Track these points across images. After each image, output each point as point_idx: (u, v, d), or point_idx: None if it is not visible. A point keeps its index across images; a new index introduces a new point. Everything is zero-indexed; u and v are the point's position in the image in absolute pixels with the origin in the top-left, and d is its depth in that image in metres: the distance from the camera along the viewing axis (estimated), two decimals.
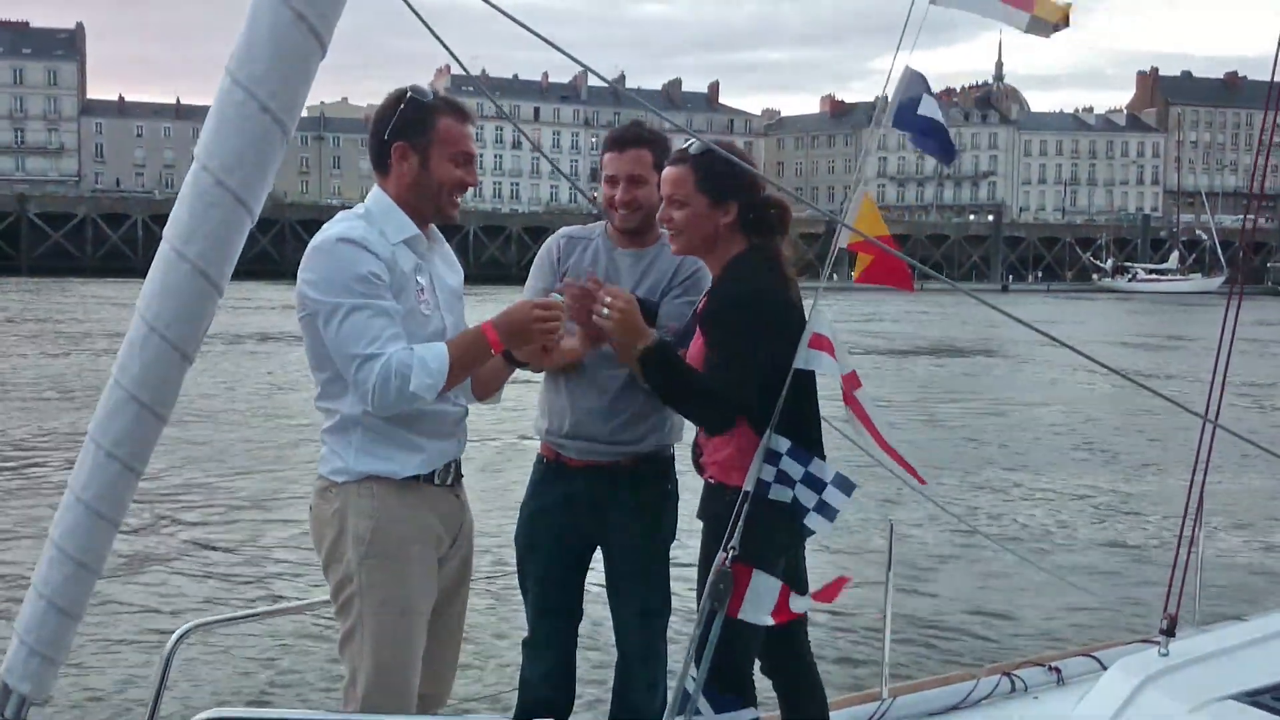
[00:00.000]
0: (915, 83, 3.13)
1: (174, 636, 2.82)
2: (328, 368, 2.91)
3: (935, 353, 32.78)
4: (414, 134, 2.93)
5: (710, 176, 3.17)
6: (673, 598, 3.67)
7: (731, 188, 3.17)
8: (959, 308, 49.40)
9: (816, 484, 3.02)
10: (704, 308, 3.20)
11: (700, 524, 3.21)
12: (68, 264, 74.38)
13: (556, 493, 3.61)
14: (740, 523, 2.89)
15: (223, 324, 35.62)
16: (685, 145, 3.25)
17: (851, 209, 3.15)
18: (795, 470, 3.01)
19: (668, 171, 3.24)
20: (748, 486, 2.97)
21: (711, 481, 3.20)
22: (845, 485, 3.03)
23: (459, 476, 3.13)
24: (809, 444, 3.07)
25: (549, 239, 3.75)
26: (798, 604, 2.86)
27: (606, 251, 3.61)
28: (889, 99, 3.16)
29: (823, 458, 3.08)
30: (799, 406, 3.05)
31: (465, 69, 3.48)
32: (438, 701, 3.21)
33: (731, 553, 2.86)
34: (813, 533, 3.08)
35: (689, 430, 3.44)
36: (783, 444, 2.97)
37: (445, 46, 3.00)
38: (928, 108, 3.13)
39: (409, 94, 2.94)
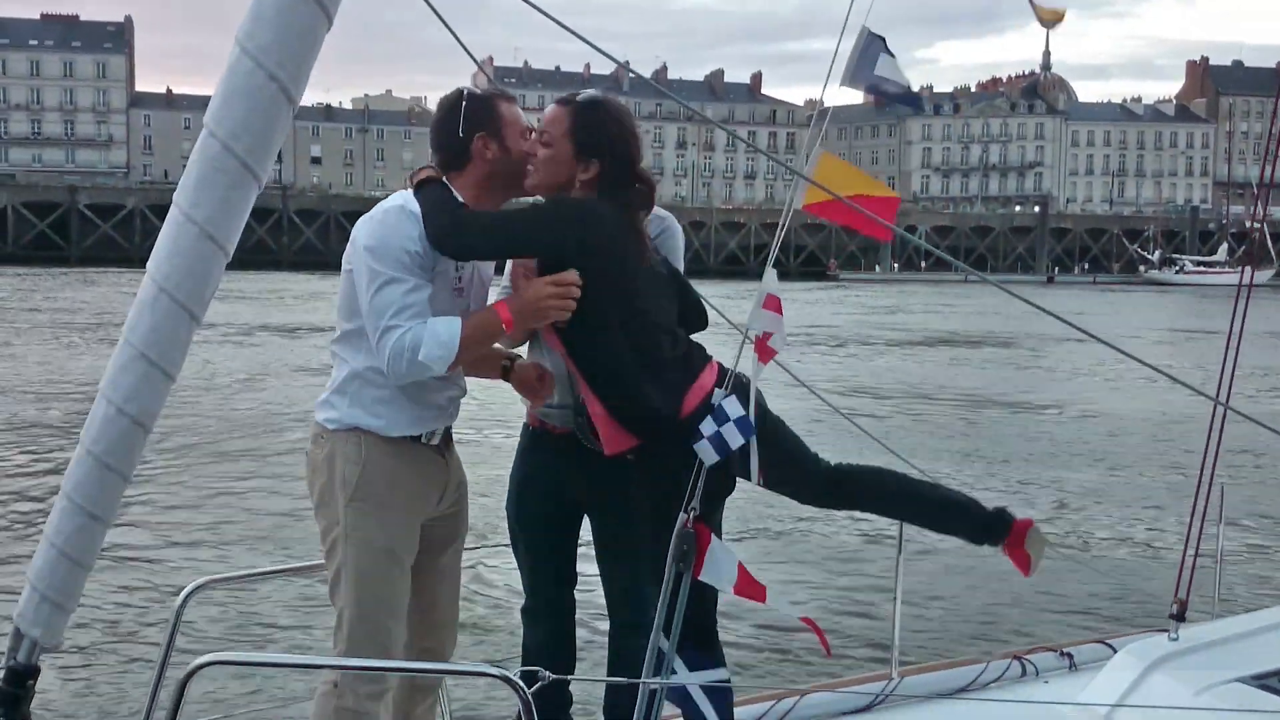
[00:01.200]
0: (872, 43, 3.13)
1: (184, 592, 2.91)
2: (356, 319, 3.07)
3: (953, 344, 32.58)
4: (487, 123, 3.16)
5: (584, 128, 3.17)
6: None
7: (600, 146, 3.15)
8: (992, 298, 48.97)
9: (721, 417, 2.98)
10: None
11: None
12: (117, 254, 75.36)
13: (542, 460, 3.66)
14: (700, 483, 2.92)
15: (283, 320, 36.03)
16: (579, 93, 3.29)
17: (809, 165, 3.07)
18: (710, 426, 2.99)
19: (552, 109, 3.25)
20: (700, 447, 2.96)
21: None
22: (746, 428, 2.98)
23: (448, 440, 3.27)
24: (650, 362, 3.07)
25: None
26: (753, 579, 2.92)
27: None
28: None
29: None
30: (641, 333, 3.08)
31: (483, 68, 3.58)
32: (439, 655, 3.31)
33: (692, 513, 2.91)
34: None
35: None
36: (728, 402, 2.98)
37: (457, 38, 3.07)
38: (885, 67, 3.12)
39: (465, 92, 3.20)
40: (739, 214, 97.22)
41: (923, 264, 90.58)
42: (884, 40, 3.14)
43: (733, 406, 3.00)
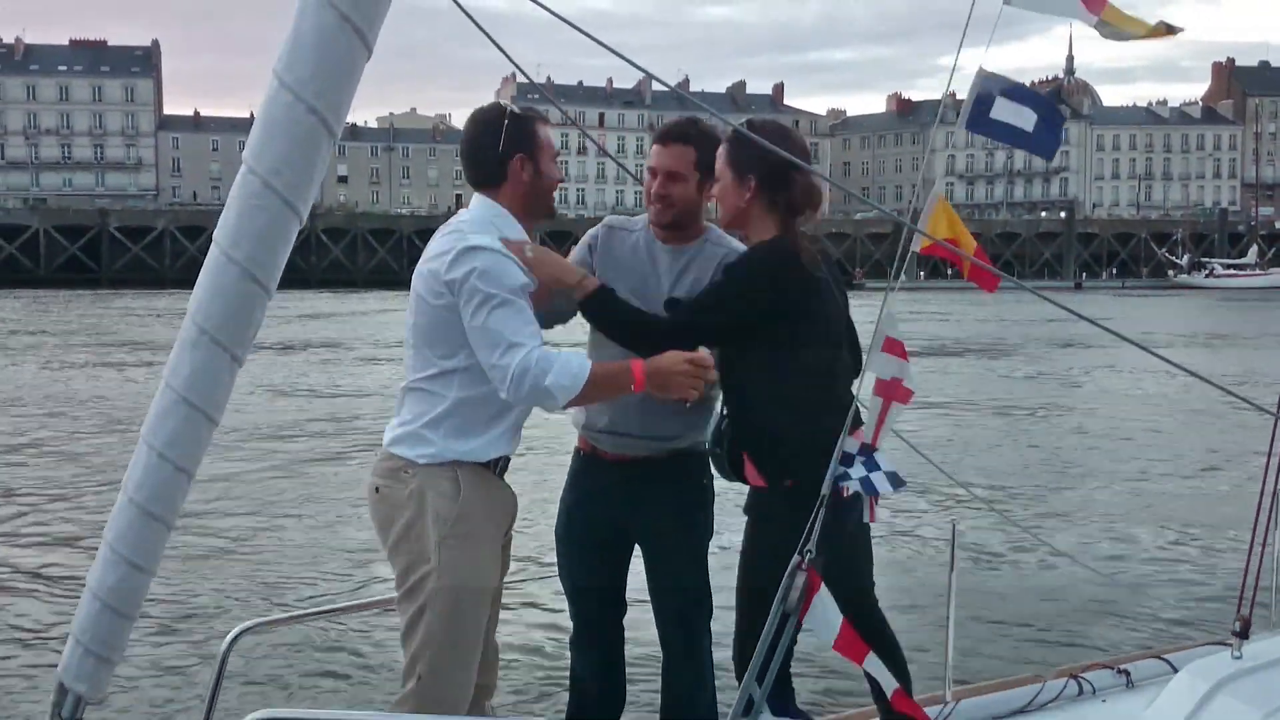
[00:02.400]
0: (989, 84, 3.04)
1: (229, 637, 2.85)
2: (451, 355, 3.03)
3: (986, 352, 32.35)
4: (526, 144, 3.16)
5: (741, 148, 3.30)
6: (714, 593, 3.62)
7: (749, 162, 3.26)
8: (1023, 305, 48.65)
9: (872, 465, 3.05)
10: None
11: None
12: (147, 275, 75.98)
13: (593, 485, 3.61)
14: (818, 525, 2.89)
15: (329, 334, 36.16)
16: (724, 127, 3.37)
17: (925, 212, 3.06)
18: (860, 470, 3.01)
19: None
20: (825, 490, 2.96)
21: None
22: (895, 480, 3.04)
23: (506, 468, 3.23)
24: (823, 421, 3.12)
25: (594, 227, 3.75)
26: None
27: (647, 245, 3.58)
28: (957, 99, 3.11)
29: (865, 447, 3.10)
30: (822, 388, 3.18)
31: (528, 76, 3.58)
32: (488, 691, 3.26)
33: (807, 555, 2.85)
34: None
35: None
36: (853, 445, 2.95)
37: (505, 53, 3.05)
38: (1001, 110, 3.03)
39: (509, 109, 3.18)
40: None
41: (949, 272, 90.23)
42: (1001, 79, 3.03)
43: (883, 458, 3.06)
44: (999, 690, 4.03)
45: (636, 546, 3.65)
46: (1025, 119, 3.04)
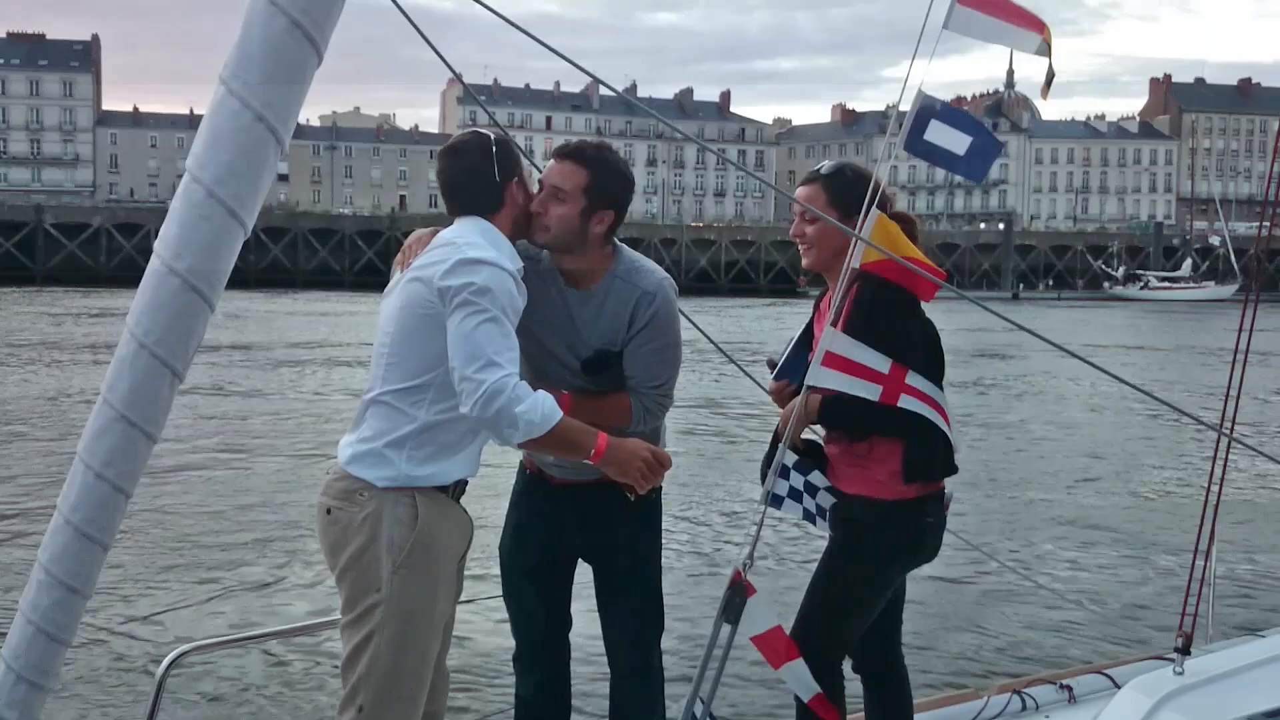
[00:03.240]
0: (927, 105, 3.09)
1: (166, 660, 2.76)
2: (424, 373, 2.92)
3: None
4: (515, 169, 3.15)
5: (840, 192, 3.39)
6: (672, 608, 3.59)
7: (856, 202, 3.22)
8: (961, 315, 49.16)
9: (813, 490, 3.24)
10: (858, 315, 3.27)
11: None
12: (83, 273, 74.61)
13: (539, 504, 3.53)
14: (756, 536, 2.93)
15: (263, 337, 35.67)
16: (818, 167, 3.52)
17: (866, 226, 3.09)
18: (798, 481, 3.07)
19: (801, 188, 3.51)
20: (760, 503, 3.02)
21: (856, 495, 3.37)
22: (835, 491, 3.27)
23: (464, 491, 3.14)
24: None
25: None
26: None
27: (557, 290, 3.35)
28: (900, 117, 3.15)
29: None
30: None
31: (463, 82, 3.53)
32: (437, 717, 3.16)
33: (745, 566, 2.88)
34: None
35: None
36: (790, 458, 2.99)
37: (443, 58, 3.03)
38: (935, 133, 3.09)
39: (495, 137, 3.14)
40: (709, 231, 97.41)
41: None
42: (939, 103, 3.09)
43: (819, 478, 3.25)
44: (943, 705, 4.04)
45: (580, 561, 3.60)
46: (958, 143, 3.11)
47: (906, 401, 3.08)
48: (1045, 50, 3.10)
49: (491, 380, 2.79)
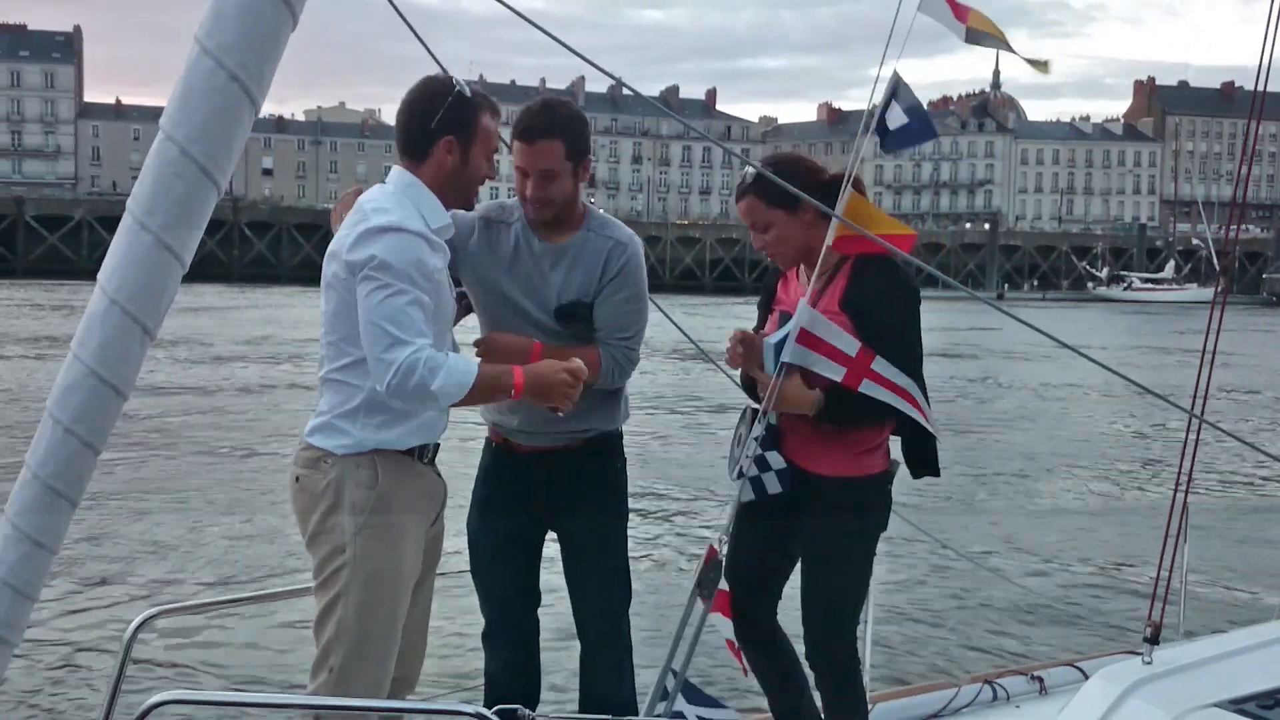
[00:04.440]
0: (887, 92, 3.22)
1: (134, 623, 2.75)
2: (360, 347, 2.89)
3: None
4: (460, 129, 3.00)
5: (772, 192, 3.32)
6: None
7: (790, 193, 3.20)
8: (943, 313, 49.31)
9: (764, 466, 3.24)
10: (856, 295, 3.29)
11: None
12: (64, 266, 74.25)
13: (506, 476, 3.53)
14: (733, 514, 2.96)
15: (250, 333, 35.57)
16: (742, 174, 3.45)
17: (839, 204, 3.14)
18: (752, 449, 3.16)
19: (739, 205, 3.46)
20: (734, 477, 3.05)
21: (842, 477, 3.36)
22: (792, 472, 3.28)
23: (435, 455, 3.14)
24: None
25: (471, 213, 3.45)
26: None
27: (527, 245, 3.40)
28: (875, 110, 3.24)
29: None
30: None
31: (447, 71, 3.46)
32: (408, 684, 3.18)
33: (721, 542, 2.90)
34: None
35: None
36: (757, 431, 3.03)
37: (431, 52, 3.01)
38: (893, 115, 3.25)
39: (455, 87, 3.00)
40: (694, 229, 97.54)
41: None
42: (896, 85, 3.22)
43: (776, 459, 3.23)
44: (914, 694, 4.07)
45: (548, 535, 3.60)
46: (900, 117, 3.31)
47: (868, 387, 3.09)
48: (986, 40, 3.20)
49: (401, 359, 2.78)
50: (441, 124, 2.98)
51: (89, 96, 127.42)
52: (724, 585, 3.09)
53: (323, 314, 3.00)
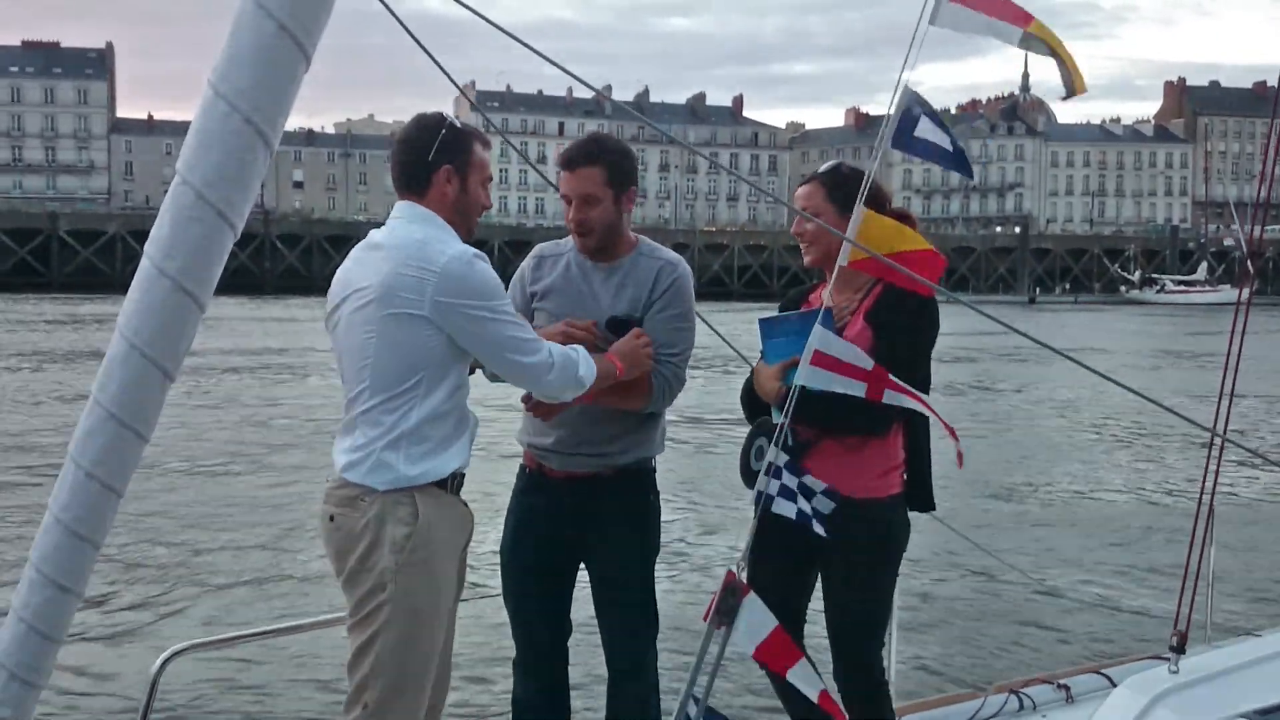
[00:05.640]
0: (913, 103, 3.15)
1: (160, 658, 2.77)
2: (411, 376, 2.95)
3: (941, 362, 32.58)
4: (456, 158, 3.08)
5: (836, 189, 3.47)
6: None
7: (852, 196, 3.31)
8: (967, 318, 49.08)
9: (808, 493, 3.17)
10: (884, 313, 3.38)
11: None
12: (98, 280, 74.95)
13: (538, 503, 3.56)
14: (751, 537, 2.95)
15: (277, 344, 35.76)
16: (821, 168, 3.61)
17: (852, 225, 3.12)
18: (792, 482, 3.05)
19: (801, 189, 3.59)
20: (754, 501, 3.03)
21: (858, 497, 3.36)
22: (833, 494, 3.21)
23: (461, 485, 3.16)
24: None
25: (523, 262, 3.69)
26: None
27: (579, 266, 3.55)
28: (889, 123, 3.21)
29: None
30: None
31: (458, 87, 3.52)
32: (435, 711, 3.18)
33: (739, 567, 2.89)
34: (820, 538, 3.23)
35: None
36: (782, 458, 2.99)
37: (439, 65, 3.04)
38: (924, 129, 3.18)
39: (447, 120, 3.11)
40: (722, 235, 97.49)
41: None
42: (925, 102, 3.17)
43: (815, 482, 3.22)
44: (940, 706, 4.04)
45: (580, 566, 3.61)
46: (945, 140, 3.22)
47: (890, 396, 3.09)
48: (1037, 46, 3.11)
49: (551, 354, 3.05)
50: (438, 154, 3.06)
51: (121, 112, 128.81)
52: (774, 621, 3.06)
53: (346, 351, 3.01)
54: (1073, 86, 3.16)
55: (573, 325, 3.36)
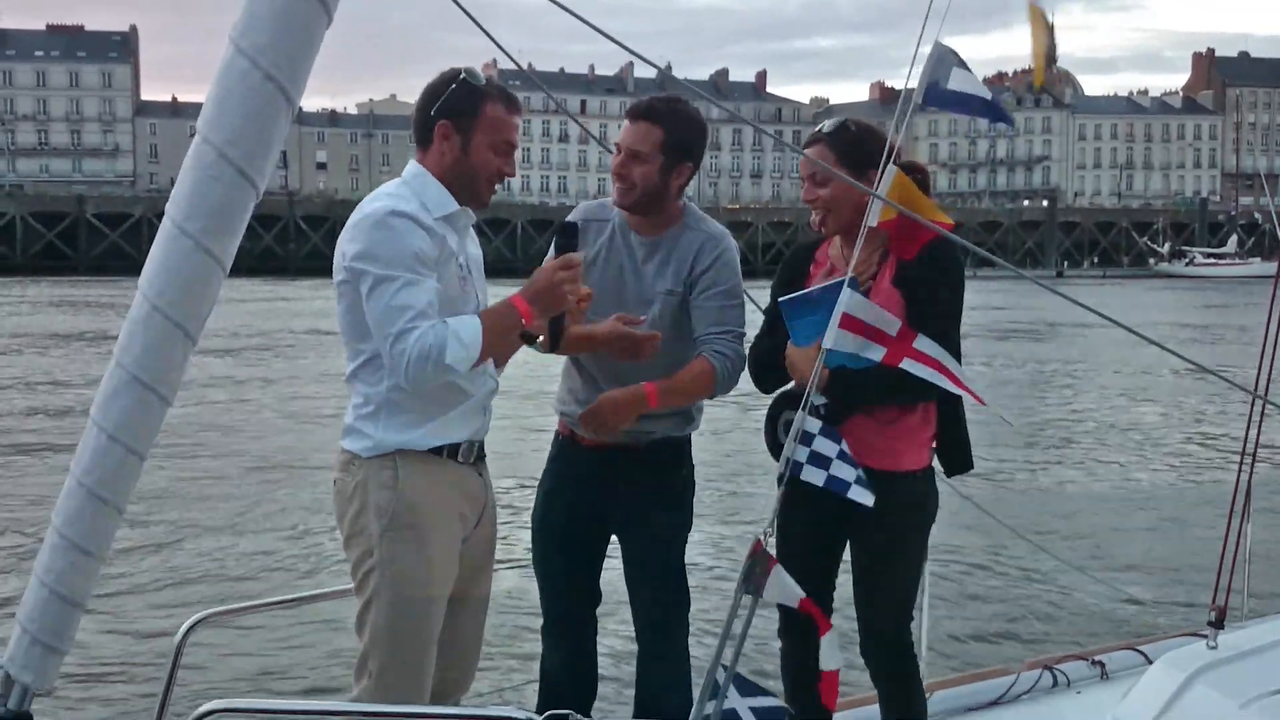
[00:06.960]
0: (944, 58, 3.06)
1: (184, 627, 2.76)
2: (369, 339, 2.89)
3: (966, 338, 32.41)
4: (459, 115, 2.93)
5: (846, 148, 3.27)
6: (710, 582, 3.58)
7: (871, 158, 3.12)
8: (1007, 294, 48.84)
9: (850, 461, 3.02)
10: (911, 272, 3.23)
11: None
12: (125, 263, 75.33)
13: (570, 471, 3.52)
14: (778, 506, 2.88)
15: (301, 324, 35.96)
16: (818, 126, 3.36)
17: (884, 182, 3.03)
18: (829, 449, 2.96)
19: (808, 151, 3.33)
20: (780, 469, 2.96)
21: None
22: (865, 468, 3.06)
23: (482, 456, 3.10)
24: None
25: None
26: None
27: (622, 236, 3.46)
28: (918, 81, 3.10)
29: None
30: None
31: (515, 61, 3.41)
32: (462, 688, 3.16)
33: (766, 535, 2.84)
34: (861, 505, 3.08)
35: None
36: (814, 425, 2.93)
37: (492, 39, 2.98)
38: (958, 80, 3.06)
39: (461, 75, 2.95)
40: (746, 213, 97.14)
41: None
42: (956, 54, 3.06)
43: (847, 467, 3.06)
44: (973, 681, 4.00)
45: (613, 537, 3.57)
46: (980, 89, 3.09)
47: (909, 365, 3.01)
48: (1040, 24, 3.07)
49: (409, 346, 2.76)
50: (440, 110, 2.94)
51: (146, 95, 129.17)
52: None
53: (337, 313, 3.00)
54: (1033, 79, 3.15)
55: (624, 320, 3.26)
